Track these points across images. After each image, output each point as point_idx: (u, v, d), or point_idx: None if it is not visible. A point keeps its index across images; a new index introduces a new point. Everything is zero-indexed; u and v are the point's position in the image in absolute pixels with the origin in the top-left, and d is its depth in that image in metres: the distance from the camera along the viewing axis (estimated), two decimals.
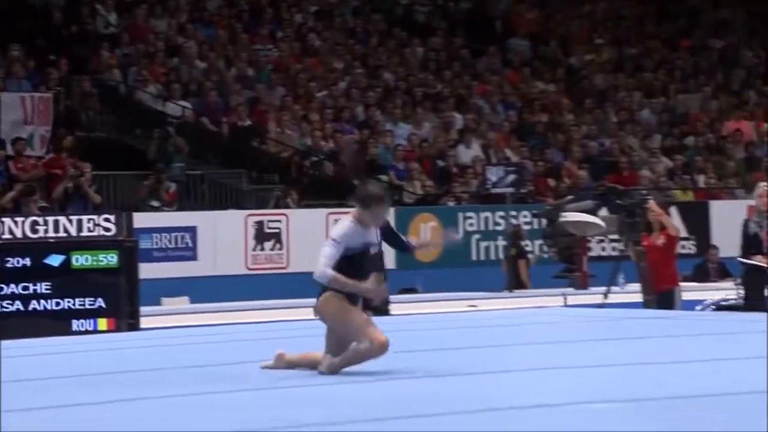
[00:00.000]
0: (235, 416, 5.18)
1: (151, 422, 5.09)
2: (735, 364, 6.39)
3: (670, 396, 5.35)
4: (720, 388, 5.53)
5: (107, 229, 11.12)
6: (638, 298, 11.82)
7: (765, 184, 12.26)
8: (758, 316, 10.46)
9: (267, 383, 6.02)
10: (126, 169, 17.59)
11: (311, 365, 6.54)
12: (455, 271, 16.64)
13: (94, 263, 10.93)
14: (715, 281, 16.41)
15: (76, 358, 7.69)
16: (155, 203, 16.54)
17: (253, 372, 6.62)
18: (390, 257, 12.84)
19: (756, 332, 8.26)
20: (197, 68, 19.98)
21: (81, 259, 10.91)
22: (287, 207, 17.17)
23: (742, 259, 11.52)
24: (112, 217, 11.26)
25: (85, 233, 11.05)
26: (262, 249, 16.55)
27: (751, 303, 11.35)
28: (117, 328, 10.76)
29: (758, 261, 11.23)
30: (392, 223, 7.13)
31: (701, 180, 20.89)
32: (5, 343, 8.91)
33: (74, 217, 11.27)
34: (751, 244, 11.38)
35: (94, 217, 11.34)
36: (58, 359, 7.74)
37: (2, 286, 10.73)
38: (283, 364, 6.58)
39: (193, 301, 15.16)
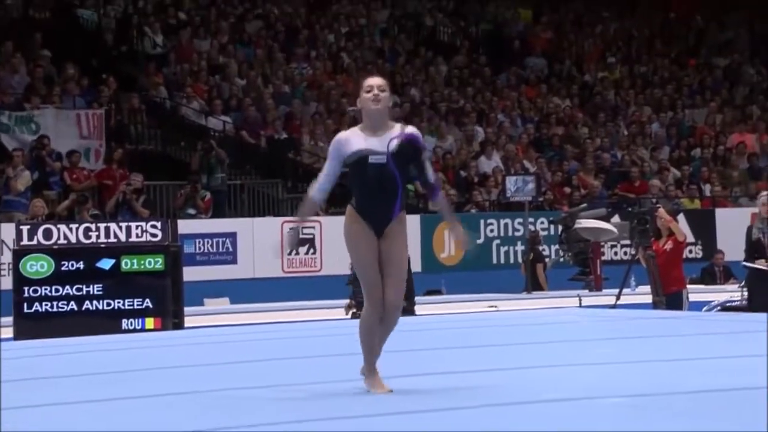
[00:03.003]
0: (279, 408, 5.20)
1: (199, 414, 5.12)
2: (738, 362, 6.37)
3: (679, 391, 5.34)
4: (724, 384, 5.52)
5: (154, 235, 11.18)
6: (648, 299, 11.76)
7: (767, 193, 12.20)
8: (761, 316, 10.42)
9: (302, 379, 6.03)
10: (171, 179, 17.68)
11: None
12: (477, 274, 16.62)
13: (142, 266, 10.99)
14: (720, 284, 16.34)
15: (126, 354, 7.72)
16: (191, 211, 16.60)
17: (290, 367, 6.64)
18: (416, 262, 12.81)
19: (758, 331, 8.23)
20: (237, 85, 20.05)
21: (130, 263, 10.98)
22: (317, 214, 17.19)
23: (746, 263, 11.46)
24: (158, 224, 11.33)
25: (133, 239, 11.13)
26: (297, 253, 16.59)
27: (755, 304, 11.28)
28: (163, 327, 10.82)
29: (761, 265, 11.17)
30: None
31: (707, 189, 20.79)
32: (61, 341, 8.98)
33: (123, 224, 11.35)
34: (754, 248, 11.32)
35: (142, 224, 11.41)
36: (109, 356, 7.79)
37: (58, 287, 10.81)
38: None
39: (233, 302, 15.22)
